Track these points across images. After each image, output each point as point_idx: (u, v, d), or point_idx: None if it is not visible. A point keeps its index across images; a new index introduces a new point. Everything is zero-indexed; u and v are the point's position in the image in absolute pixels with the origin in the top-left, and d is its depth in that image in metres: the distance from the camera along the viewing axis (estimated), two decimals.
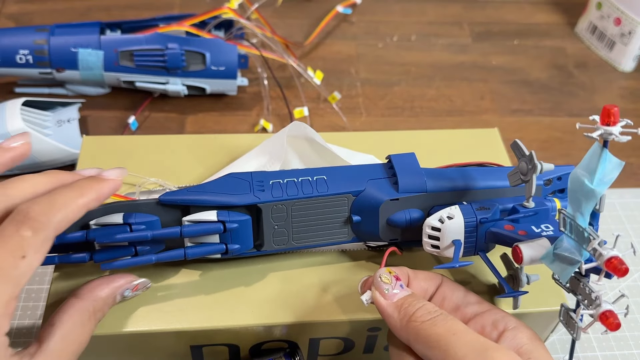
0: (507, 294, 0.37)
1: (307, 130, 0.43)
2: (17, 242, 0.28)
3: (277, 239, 0.38)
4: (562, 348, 0.47)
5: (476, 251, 0.38)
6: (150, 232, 0.35)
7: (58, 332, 0.31)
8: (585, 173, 0.31)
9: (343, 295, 0.39)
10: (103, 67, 0.59)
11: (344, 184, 0.38)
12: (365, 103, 0.66)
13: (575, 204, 0.32)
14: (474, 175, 0.40)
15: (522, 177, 0.36)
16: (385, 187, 0.38)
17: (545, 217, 0.37)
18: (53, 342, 0.31)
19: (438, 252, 0.37)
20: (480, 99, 0.67)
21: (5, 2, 0.73)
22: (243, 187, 0.37)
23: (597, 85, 0.70)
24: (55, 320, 0.32)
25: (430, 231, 0.37)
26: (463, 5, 0.80)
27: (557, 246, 0.33)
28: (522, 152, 0.35)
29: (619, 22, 0.71)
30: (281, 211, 0.37)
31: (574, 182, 0.32)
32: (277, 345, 0.41)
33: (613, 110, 0.31)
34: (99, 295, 0.34)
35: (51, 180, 0.32)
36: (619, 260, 0.30)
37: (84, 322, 0.33)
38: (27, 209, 0.29)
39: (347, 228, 0.39)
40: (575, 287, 0.33)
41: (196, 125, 0.61)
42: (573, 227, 0.32)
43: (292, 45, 0.67)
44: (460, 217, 0.36)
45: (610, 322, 0.31)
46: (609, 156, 0.31)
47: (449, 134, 0.51)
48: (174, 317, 0.37)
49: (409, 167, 0.38)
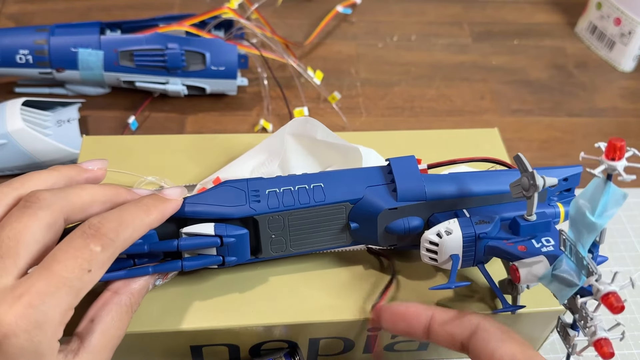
0: (504, 309, 0.37)
1: (308, 126, 0.43)
2: (87, 255, 0.29)
3: (274, 247, 0.38)
4: (562, 348, 0.47)
5: (475, 263, 0.37)
6: (146, 246, 0.34)
7: (98, 328, 0.32)
8: (588, 204, 0.30)
9: (343, 295, 0.39)
10: (103, 67, 0.59)
11: (342, 192, 0.37)
12: (365, 103, 0.66)
13: (577, 233, 0.31)
14: (474, 181, 0.39)
15: (524, 192, 0.35)
16: (384, 195, 0.37)
17: (547, 228, 0.36)
18: (95, 338, 0.31)
19: (436, 264, 0.37)
20: (480, 99, 0.67)
21: (5, 2, 0.73)
22: (239, 197, 0.36)
23: (597, 85, 0.70)
24: (94, 316, 0.32)
25: (428, 245, 0.36)
26: (463, 5, 0.80)
27: (556, 267, 0.32)
28: (524, 167, 0.34)
29: (619, 22, 0.71)
30: (278, 221, 0.37)
31: (576, 211, 0.31)
32: (277, 345, 0.41)
33: (619, 144, 0.29)
34: (134, 287, 0.34)
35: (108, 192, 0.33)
36: (615, 297, 0.29)
37: (122, 316, 0.33)
38: (98, 224, 0.30)
39: (346, 234, 0.39)
40: (573, 305, 0.33)
41: (196, 125, 0.61)
42: (573, 251, 0.31)
43: (292, 45, 0.67)
44: (459, 231, 0.36)
45: (604, 351, 0.30)
46: (613, 189, 0.30)
47: (449, 134, 0.51)
48: (174, 317, 0.37)
49: (408, 173, 0.38)
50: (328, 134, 0.43)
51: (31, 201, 0.30)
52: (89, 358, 0.31)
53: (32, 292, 0.28)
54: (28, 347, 0.27)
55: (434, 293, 0.40)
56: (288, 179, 0.38)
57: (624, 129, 0.65)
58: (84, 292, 0.29)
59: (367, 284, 0.40)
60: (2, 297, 0.28)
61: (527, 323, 0.42)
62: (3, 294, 0.28)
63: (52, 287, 0.28)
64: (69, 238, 0.30)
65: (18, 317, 0.27)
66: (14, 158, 0.53)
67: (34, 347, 0.27)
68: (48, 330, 0.28)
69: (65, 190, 0.32)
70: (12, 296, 0.27)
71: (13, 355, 0.27)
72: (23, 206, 0.30)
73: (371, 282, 0.40)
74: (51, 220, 0.30)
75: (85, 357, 0.30)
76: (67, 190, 0.32)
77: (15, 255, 0.29)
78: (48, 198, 0.31)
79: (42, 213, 0.30)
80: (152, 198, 0.34)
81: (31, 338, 0.27)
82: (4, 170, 0.54)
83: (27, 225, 0.29)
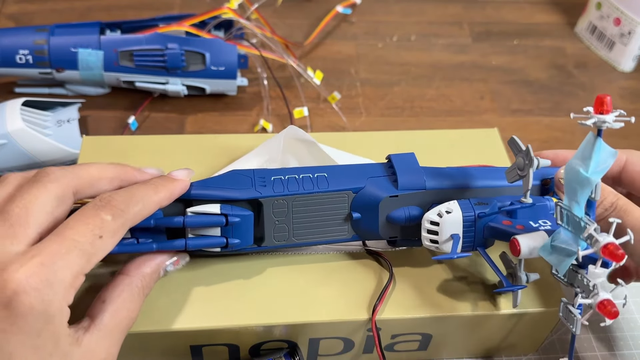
0: (505, 288, 0.37)
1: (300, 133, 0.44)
2: (98, 222, 0.30)
3: (277, 235, 0.38)
4: (562, 348, 0.47)
5: (475, 246, 0.38)
6: (153, 220, 0.35)
7: (109, 308, 0.32)
8: (580, 162, 0.32)
9: (343, 295, 0.39)
10: (103, 67, 0.59)
11: (345, 181, 0.38)
12: (365, 103, 0.66)
13: (571, 193, 0.32)
14: (473, 174, 0.40)
15: (519, 172, 0.36)
16: (385, 184, 0.38)
17: (544, 213, 0.37)
18: (106, 317, 0.31)
19: (437, 247, 0.38)
20: (480, 99, 0.67)
21: (5, 2, 0.73)
22: (245, 182, 0.38)
23: (597, 85, 0.70)
24: (106, 297, 0.32)
25: (429, 225, 0.37)
26: (463, 5, 0.80)
27: (555, 238, 0.33)
28: (519, 148, 0.36)
29: (619, 22, 0.71)
30: (282, 206, 0.37)
31: (570, 172, 0.32)
32: (277, 345, 0.41)
33: (606, 99, 0.32)
34: (145, 271, 0.35)
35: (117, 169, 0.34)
36: (614, 245, 0.30)
37: (134, 299, 0.33)
38: (109, 197, 0.31)
39: (347, 226, 0.39)
40: (573, 279, 0.34)
41: (196, 126, 0.61)
42: (570, 219, 0.32)
43: (292, 45, 0.67)
44: (459, 211, 0.37)
45: (608, 310, 0.31)
46: (603, 145, 0.32)
47: (449, 134, 0.51)
48: (173, 317, 0.37)
49: (409, 166, 0.39)
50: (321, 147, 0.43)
51: (41, 175, 0.31)
52: (99, 336, 0.31)
53: (44, 253, 0.28)
54: (38, 307, 0.27)
55: (434, 282, 0.40)
56: (293, 169, 0.39)
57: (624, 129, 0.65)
58: (96, 260, 0.30)
59: (367, 284, 0.40)
60: (14, 259, 0.28)
61: (527, 323, 0.42)
62: (15, 257, 0.28)
63: (64, 249, 0.28)
64: (80, 210, 0.31)
65: (29, 275, 0.27)
66: (14, 158, 0.53)
67: (44, 306, 0.27)
68: (58, 290, 0.28)
69: (75, 166, 0.33)
70: (23, 258, 0.28)
71: (22, 314, 0.27)
72: (33, 180, 0.31)
73: (371, 282, 0.40)
74: (60, 192, 0.31)
75: (96, 335, 0.31)
76: (76, 166, 0.33)
77: (25, 223, 0.29)
78: (57, 172, 0.32)
79: (51, 185, 0.31)
80: (161, 178, 0.35)
81: (41, 297, 0.27)
82: (3, 171, 0.54)
83: (37, 196, 0.30)
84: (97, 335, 0.31)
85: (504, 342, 0.44)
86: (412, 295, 0.40)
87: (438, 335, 0.42)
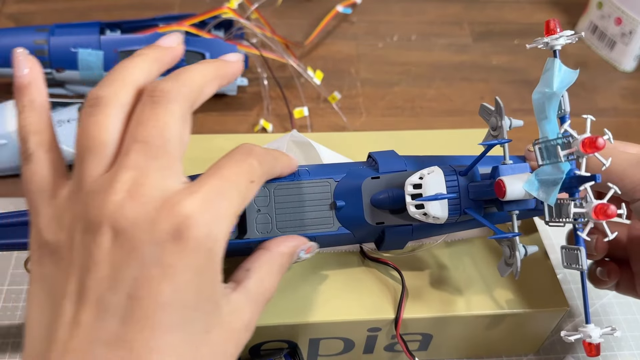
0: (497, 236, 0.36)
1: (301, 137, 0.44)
2: (248, 167, 0.29)
3: (260, 225, 0.38)
4: (562, 348, 0.47)
5: (462, 208, 0.37)
6: None
7: (255, 276, 0.31)
8: (544, 87, 0.34)
9: (343, 295, 0.39)
10: (103, 67, 0.59)
11: (326, 171, 0.39)
12: (365, 103, 0.66)
13: (541, 113, 0.34)
14: (454, 157, 0.40)
15: (492, 132, 0.36)
16: (366, 170, 0.39)
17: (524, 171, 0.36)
18: (251, 283, 0.31)
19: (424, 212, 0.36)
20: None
21: (5, 2, 0.73)
22: None
23: (598, 85, 0.70)
24: (250, 267, 0.32)
25: (412, 190, 0.36)
26: (463, 5, 0.80)
27: (538, 173, 0.34)
28: (489, 111, 0.37)
29: (620, 21, 0.71)
30: (264, 193, 0.37)
31: (536, 101, 0.34)
32: (277, 346, 0.41)
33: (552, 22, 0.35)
34: (283, 250, 0.34)
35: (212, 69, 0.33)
36: (592, 138, 0.30)
37: (273, 273, 0.32)
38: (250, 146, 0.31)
39: (332, 216, 0.39)
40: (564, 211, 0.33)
41: (196, 125, 0.61)
42: (549, 150, 0.33)
43: (292, 45, 0.67)
44: (439, 170, 0.37)
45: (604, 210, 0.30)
46: (562, 65, 0.33)
47: (449, 134, 0.51)
48: None
49: (389, 155, 0.40)
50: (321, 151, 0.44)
51: (157, 95, 0.28)
52: (245, 298, 0.30)
53: (206, 189, 0.27)
54: (205, 243, 0.26)
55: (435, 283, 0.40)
56: None
57: (625, 129, 0.65)
58: (245, 204, 0.29)
59: (367, 284, 0.40)
60: (177, 192, 0.26)
61: (528, 323, 0.42)
62: (178, 190, 0.26)
63: (225, 187, 0.27)
64: (227, 155, 0.30)
65: (196, 208, 0.26)
66: (14, 158, 0.53)
67: (210, 244, 0.26)
68: (222, 228, 0.26)
69: (179, 77, 0.30)
70: (186, 192, 0.26)
71: (192, 249, 0.25)
72: (151, 102, 0.28)
73: (370, 282, 0.40)
74: (183, 111, 0.28)
75: (244, 296, 0.30)
76: (180, 77, 0.30)
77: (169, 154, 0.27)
78: (172, 89, 0.28)
79: (173, 106, 0.28)
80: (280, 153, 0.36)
81: (210, 232, 0.26)
82: (4, 171, 0.54)
83: (167, 122, 0.27)
84: (245, 297, 0.30)
85: (504, 342, 0.44)
86: (412, 295, 0.40)
87: (439, 335, 0.42)
